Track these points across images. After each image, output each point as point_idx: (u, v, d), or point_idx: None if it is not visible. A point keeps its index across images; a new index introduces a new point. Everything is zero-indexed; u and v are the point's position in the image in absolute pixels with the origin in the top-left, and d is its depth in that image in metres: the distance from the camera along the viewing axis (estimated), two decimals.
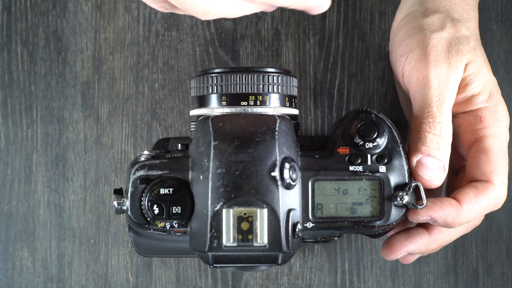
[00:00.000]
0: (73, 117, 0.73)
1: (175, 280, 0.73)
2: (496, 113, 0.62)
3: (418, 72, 0.61)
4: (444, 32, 0.62)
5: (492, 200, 0.60)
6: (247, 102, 0.59)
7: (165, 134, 0.73)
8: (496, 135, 0.61)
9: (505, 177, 0.61)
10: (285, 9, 0.73)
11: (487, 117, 0.62)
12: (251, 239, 0.55)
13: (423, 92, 0.61)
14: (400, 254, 0.63)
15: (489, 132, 0.61)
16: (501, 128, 0.62)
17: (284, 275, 0.73)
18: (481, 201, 0.60)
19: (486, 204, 0.60)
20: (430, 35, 0.62)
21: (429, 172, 0.59)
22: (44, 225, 0.73)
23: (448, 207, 0.59)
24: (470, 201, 0.59)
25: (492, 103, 0.62)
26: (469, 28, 0.63)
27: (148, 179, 0.58)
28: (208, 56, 0.73)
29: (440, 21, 0.62)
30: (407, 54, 0.62)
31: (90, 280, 0.73)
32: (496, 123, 0.62)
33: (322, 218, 0.58)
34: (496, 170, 0.60)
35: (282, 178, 0.55)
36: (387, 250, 0.63)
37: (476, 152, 0.61)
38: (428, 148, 0.59)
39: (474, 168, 0.61)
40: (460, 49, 0.61)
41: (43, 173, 0.73)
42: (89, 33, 0.74)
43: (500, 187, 0.60)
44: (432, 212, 0.59)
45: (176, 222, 0.57)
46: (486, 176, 0.60)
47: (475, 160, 0.61)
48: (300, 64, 0.73)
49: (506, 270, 0.72)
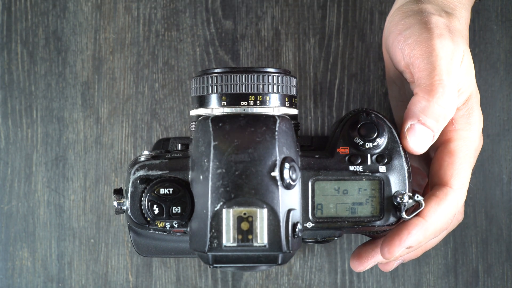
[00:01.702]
0: (73, 117, 0.73)
1: (175, 280, 0.73)
2: (470, 117, 0.61)
3: (421, 44, 0.59)
4: (441, 18, 0.60)
5: (452, 204, 0.59)
6: (247, 102, 0.59)
7: (165, 134, 0.73)
8: (465, 138, 0.61)
9: (466, 181, 0.60)
10: (285, 9, 0.73)
11: (460, 120, 0.61)
12: (251, 239, 0.55)
13: (430, 60, 0.58)
14: (368, 265, 0.62)
15: (458, 135, 0.61)
16: (471, 132, 0.61)
17: (284, 275, 0.73)
18: (443, 209, 0.59)
19: (448, 210, 0.59)
20: (428, 15, 0.60)
21: (417, 139, 0.58)
22: (44, 225, 0.73)
23: (414, 229, 0.58)
24: (433, 212, 0.59)
25: (468, 106, 0.61)
26: (461, 24, 0.62)
27: (148, 179, 0.58)
28: (208, 56, 0.73)
29: (435, 9, 0.61)
30: (406, 31, 0.60)
31: (90, 280, 0.73)
32: (467, 126, 0.61)
33: (322, 218, 0.58)
34: (457, 173, 0.60)
35: (282, 178, 0.55)
36: (355, 261, 0.63)
37: (441, 154, 0.60)
38: (428, 118, 0.58)
39: (437, 169, 0.60)
40: (459, 41, 0.60)
41: (43, 173, 0.73)
42: (89, 33, 0.74)
43: (459, 190, 0.60)
44: (403, 243, 0.58)
45: (176, 222, 0.57)
46: (446, 179, 0.60)
47: (438, 162, 0.60)
48: (300, 64, 0.73)
49: (506, 270, 0.72)
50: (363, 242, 0.72)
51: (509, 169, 0.72)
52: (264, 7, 0.73)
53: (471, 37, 0.72)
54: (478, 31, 0.73)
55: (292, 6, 0.73)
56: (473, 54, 0.72)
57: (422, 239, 0.59)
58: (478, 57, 0.72)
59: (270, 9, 0.73)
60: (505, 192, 0.72)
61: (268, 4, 0.73)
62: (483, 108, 0.72)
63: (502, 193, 0.72)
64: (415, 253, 0.64)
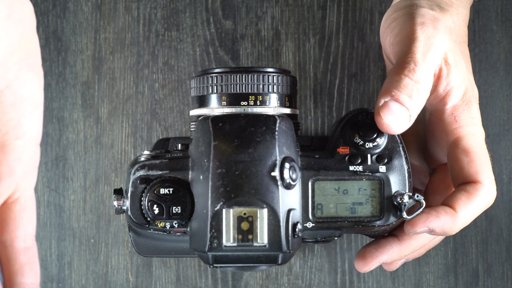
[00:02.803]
0: (73, 117, 0.73)
1: (175, 280, 0.73)
2: (471, 111, 0.60)
3: (402, 31, 0.59)
4: (431, 11, 0.60)
5: (485, 200, 0.59)
6: (247, 102, 0.59)
7: (165, 134, 0.73)
8: (473, 133, 0.60)
9: (491, 174, 0.59)
10: (285, 9, 0.73)
11: (462, 116, 0.60)
12: (251, 239, 0.55)
13: (407, 43, 0.58)
14: (373, 266, 0.62)
15: (466, 131, 0.60)
16: (476, 126, 0.60)
17: (284, 275, 0.73)
18: (475, 204, 0.58)
19: (480, 205, 0.59)
20: (417, 8, 0.60)
21: (392, 117, 0.57)
22: (44, 225, 0.73)
23: (444, 216, 0.58)
24: (464, 206, 0.58)
25: (466, 101, 0.60)
26: (455, 22, 0.61)
27: (148, 179, 0.58)
28: (208, 56, 0.73)
29: (428, 4, 0.61)
30: (393, 23, 0.60)
31: (90, 280, 0.73)
32: (470, 121, 0.60)
33: (322, 218, 0.58)
34: (482, 169, 0.59)
35: (282, 178, 0.55)
36: (360, 262, 0.62)
37: (456, 154, 0.60)
38: (400, 93, 0.57)
39: (459, 170, 0.59)
40: (444, 32, 0.59)
41: (43, 173, 0.73)
42: (89, 33, 0.74)
43: (489, 185, 0.59)
44: (429, 222, 0.57)
45: (176, 222, 0.57)
46: (473, 177, 0.59)
47: (457, 162, 0.59)
48: (300, 64, 0.73)
49: (506, 270, 0.72)
50: (363, 242, 0.72)
51: (509, 169, 0.72)
52: (264, 7, 0.73)
53: (471, 37, 0.72)
54: (478, 31, 0.73)
55: (292, 6, 0.73)
56: (473, 54, 0.72)
57: (448, 229, 0.58)
58: (478, 57, 0.73)
59: (270, 9, 0.73)
60: (505, 192, 0.72)
61: (268, 4, 0.73)
62: (483, 108, 0.72)
63: (502, 193, 0.72)
64: (419, 252, 0.64)
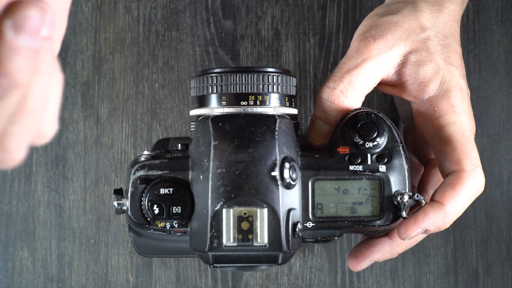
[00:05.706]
0: (73, 117, 0.73)
1: (175, 280, 0.73)
2: (449, 100, 0.59)
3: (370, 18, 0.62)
4: (395, 16, 0.60)
5: (471, 187, 0.58)
6: (247, 102, 0.59)
7: (165, 134, 0.73)
8: (454, 121, 0.59)
9: (476, 160, 0.58)
10: (285, 9, 0.73)
11: (440, 106, 0.59)
12: (251, 239, 0.55)
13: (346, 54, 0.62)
14: (365, 265, 0.62)
15: (445, 120, 0.59)
16: (456, 114, 0.59)
17: (284, 275, 0.73)
18: (461, 193, 0.57)
19: (467, 193, 0.58)
20: (378, 18, 0.61)
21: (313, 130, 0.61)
22: (44, 225, 0.73)
23: (432, 212, 0.57)
24: (451, 197, 0.57)
25: (443, 90, 0.59)
26: (433, 21, 0.61)
27: (148, 179, 0.58)
28: (208, 56, 0.73)
29: (397, 8, 0.61)
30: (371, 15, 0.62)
31: (90, 280, 0.73)
32: (450, 109, 0.59)
33: (322, 218, 0.58)
34: (464, 156, 0.58)
35: (282, 177, 0.55)
36: (352, 261, 0.62)
37: (439, 145, 0.59)
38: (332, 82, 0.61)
39: (443, 161, 0.59)
40: (400, 38, 0.60)
41: (43, 173, 0.73)
42: (89, 33, 0.74)
43: (473, 171, 0.58)
44: (419, 224, 0.57)
45: (176, 222, 0.57)
46: (456, 165, 0.58)
47: (440, 153, 0.59)
48: (300, 64, 0.73)
49: (506, 270, 0.72)
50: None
51: (509, 169, 0.72)
52: (264, 7, 0.73)
53: (471, 37, 0.72)
54: (478, 31, 0.73)
55: (292, 6, 0.73)
56: (473, 54, 0.72)
57: (441, 224, 0.57)
58: (478, 57, 0.73)
59: (270, 9, 0.73)
60: (505, 192, 0.72)
61: (268, 4, 0.73)
62: (483, 108, 0.72)
63: (502, 193, 0.72)
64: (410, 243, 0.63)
